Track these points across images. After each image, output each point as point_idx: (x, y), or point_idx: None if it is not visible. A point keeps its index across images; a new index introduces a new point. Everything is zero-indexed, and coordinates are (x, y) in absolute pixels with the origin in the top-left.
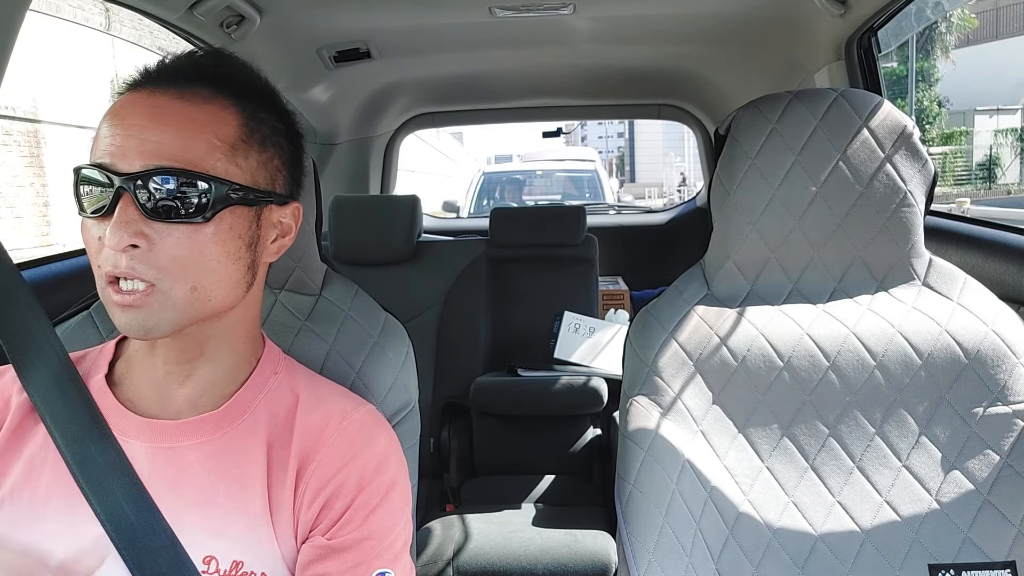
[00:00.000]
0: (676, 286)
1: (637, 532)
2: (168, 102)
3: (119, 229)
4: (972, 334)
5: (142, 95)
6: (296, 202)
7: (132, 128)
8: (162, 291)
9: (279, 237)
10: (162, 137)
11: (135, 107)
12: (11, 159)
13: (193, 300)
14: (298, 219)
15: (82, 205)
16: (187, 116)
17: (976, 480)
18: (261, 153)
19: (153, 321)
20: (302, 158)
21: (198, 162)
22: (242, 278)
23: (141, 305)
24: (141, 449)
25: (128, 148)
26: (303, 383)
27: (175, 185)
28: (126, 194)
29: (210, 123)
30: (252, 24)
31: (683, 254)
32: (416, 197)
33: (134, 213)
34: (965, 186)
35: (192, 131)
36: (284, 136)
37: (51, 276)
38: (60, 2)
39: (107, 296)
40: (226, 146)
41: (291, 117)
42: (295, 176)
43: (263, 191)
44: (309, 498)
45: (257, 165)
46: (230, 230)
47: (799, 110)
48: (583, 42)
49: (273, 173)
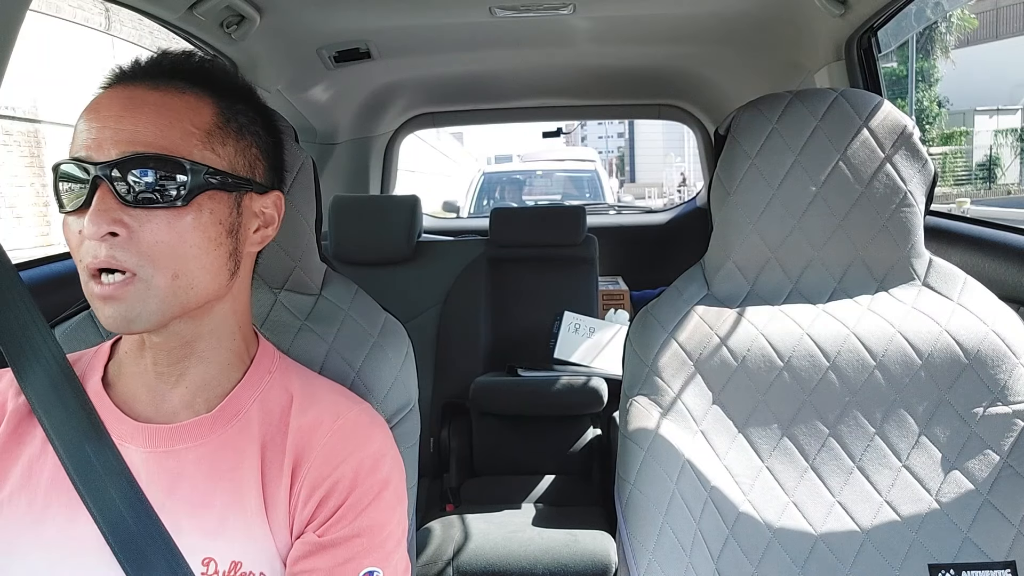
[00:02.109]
0: (676, 286)
1: (637, 532)
2: (143, 93)
3: (97, 217)
4: (972, 334)
5: (116, 89)
6: (277, 191)
7: (107, 119)
8: (143, 280)
9: (261, 227)
10: (137, 125)
11: (110, 100)
12: (11, 159)
13: (175, 288)
14: (280, 209)
15: (62, 202)
16: (163, 104)
17: (976, 480)
18: (238, 141)
19: (136, 311)
20: (283, 152)
21: (174, 148)
22: (224, 265)
23: (122, 296)
24: (138, 454)
25: (104, 139)
26: (297, 382)
27: (152, 172)
28: (103, 183)
29: (186, 111)
30: (252, 24)
31: (683, 254)
32: (416, 197)
33: (112, 201)
34: (965, 186)
35: (168, 118)
36: (261, 127)
37: (51, 276)
38: (60, 2)
39: (90, 290)
40: (202, 132)
41: (269, 112)
42: (276, 168)
43: (242, 177)
44: (304, 496)
45: (235, 152)
46: (210, 215)
47: (799, 110)
48: (583, 42)
49: (252, 161)
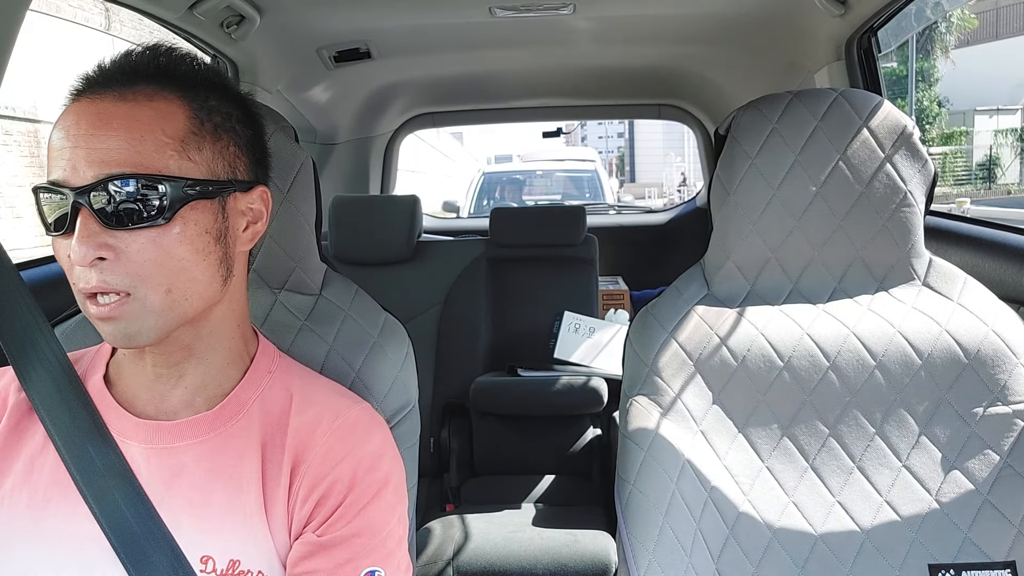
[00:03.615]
0: (676, 286)
1: (637, 532)
2: (111, 106)
3: (82, 244)
4: (972, 334)
5: (84, 103)
6: (262, 186)
7: (79, 139)
8: (138, 299)
9: (250, 224)
10: (109, 143)
11: (78, 116)
12: (11, 159)
13: (170, 303)
14: (267, 202)
15: (47, 224)
16: (132, 117)
17: (976, 480)
18: (215, 142)
19: (135, 328)
20: (263, 141)
21: (149, 163)
22: (216, 273)
23: (120, 316)
24: (139, 450)
25: (77, 160)
26: (297, 381)
27: (130, 191)
28: (83, 208)
29: (157, 121)
30: (252, 24)
31: (683, 254)
32: (416, 197)
33: (94, 226)
34: (965, 186)
35: (139, 132)
36: (239, 121)
37: (51, 276)
38: (60, 2)
39: (87, 311)
40: (176, 142)
41: (245, 100)
42: (257, 159)
43: (223, 181)
44: (303, 496)
45: (213, 155)
46: (195, 227)
47: (799, 110)
48: (583, 42)
49: (231, 160)
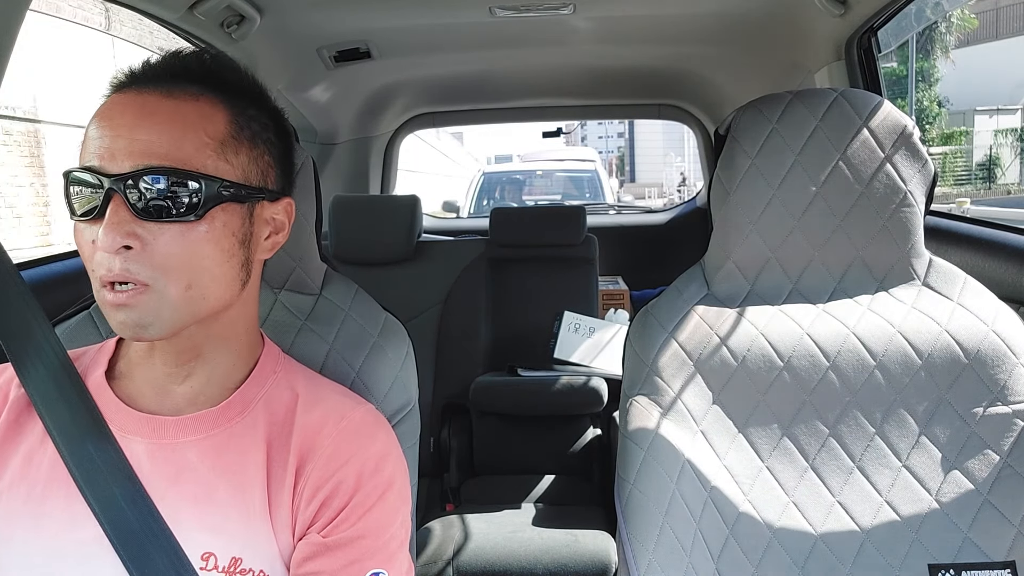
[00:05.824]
0: (676, 286)
1: (637, 532)
2: (156, 100)
3: (111, 231)
4: (972, 334)
5: (129, 95)
6: (288, 198)
7: (121, 128)
8: (156, 291)
9: (272, 234)
10: (151, 136)
11: (123, 107)
12: (11, 159)
13: (188, 299)
14: (291, 215)
15: (73, 208)
16: (176, 113)
17: (976, 480)
18: (251, 150)
19: (149, 319)
20: (292, 155)
21: (188, 160)
22: (236, 276)
23: (135, 304)
24: (141, 445)
25: (117, 149)
26: (302, 382)
27: (166, 184)
28: (116, 195)
29: (199, 120)
30: (252, 24)
31: (683, 254)
32: (416, 197)
33: (126, 214)
34: (965, 186)
35: (181, 129)
36: (273, 133)
37: (51, 276)
38: (60, 2)
39: (102, 298)
40: (216, 143)
41: (280, 115)
42: (286, 172)
43: (254, 187)
44: (307, 496)
45: (248, 161)
46: (223, 227)
47: (799, 110)
48: (583, 42)
49: (264, 169)
